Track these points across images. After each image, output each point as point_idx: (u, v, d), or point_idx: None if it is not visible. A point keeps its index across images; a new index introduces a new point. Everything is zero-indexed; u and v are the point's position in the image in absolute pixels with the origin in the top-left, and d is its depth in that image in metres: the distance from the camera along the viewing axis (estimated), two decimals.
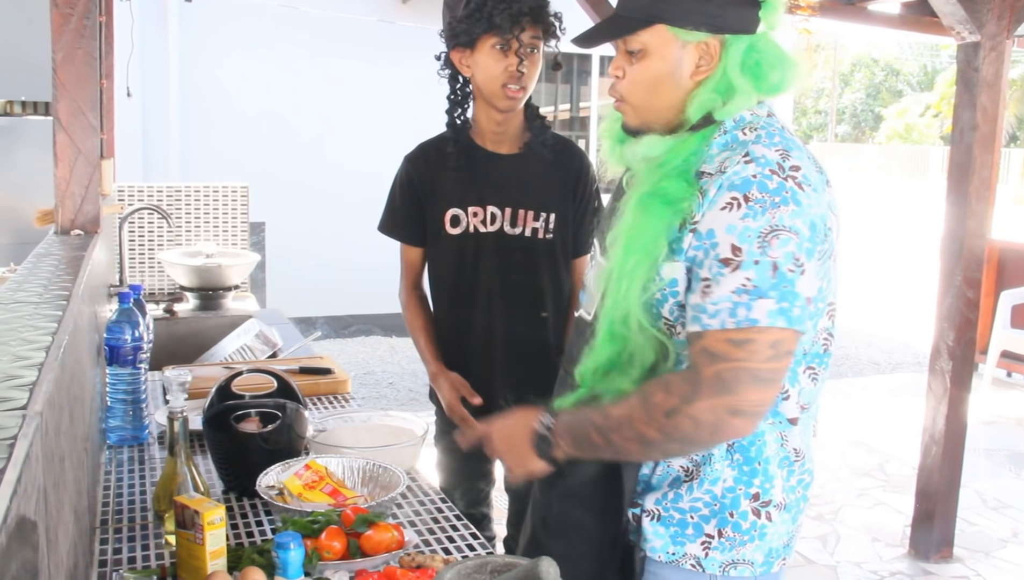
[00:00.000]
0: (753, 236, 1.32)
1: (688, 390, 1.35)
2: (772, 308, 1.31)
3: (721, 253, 1.34)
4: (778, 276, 1.31)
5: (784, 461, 1.52)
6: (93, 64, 2.06)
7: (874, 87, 37.44)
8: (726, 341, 1.33)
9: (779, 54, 1.45)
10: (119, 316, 2.05)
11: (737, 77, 1.42)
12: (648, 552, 1.54)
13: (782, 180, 1.34)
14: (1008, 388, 6.67)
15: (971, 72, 3.63)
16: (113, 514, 1.73)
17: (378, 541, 1.50)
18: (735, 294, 1.32)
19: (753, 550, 1.52)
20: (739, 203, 1.33)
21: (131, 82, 4.60)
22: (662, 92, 1.46)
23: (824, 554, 3.93)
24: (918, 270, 11.62)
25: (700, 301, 1.36)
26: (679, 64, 1.43)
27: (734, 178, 1.35)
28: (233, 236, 4.19)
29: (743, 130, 1.44)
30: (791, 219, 1.32)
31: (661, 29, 1.42)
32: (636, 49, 1.45)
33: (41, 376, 0.94)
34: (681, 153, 1.44)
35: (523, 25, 2.09)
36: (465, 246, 2.24)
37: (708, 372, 1.34)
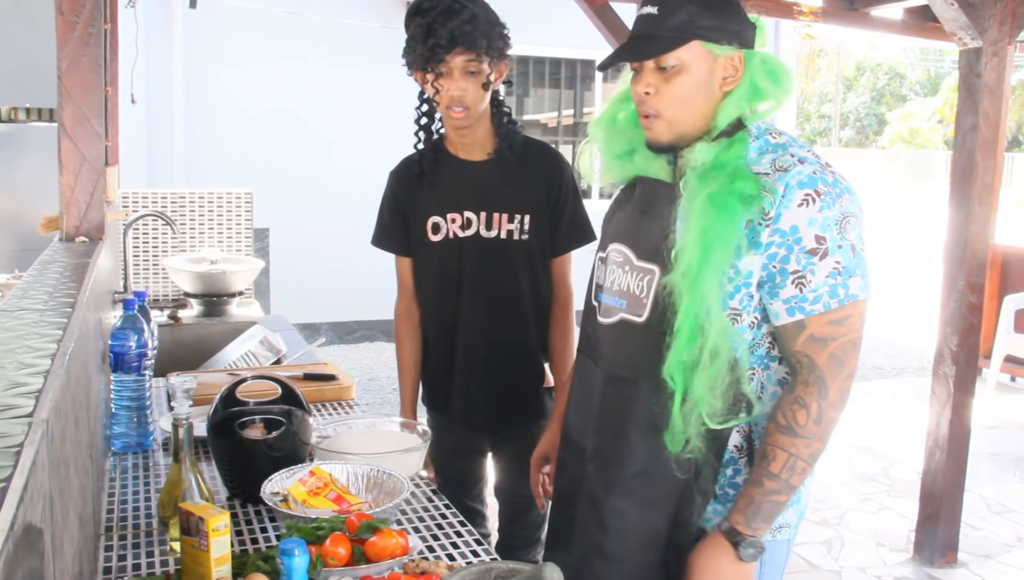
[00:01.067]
0: (832, 224, 1.50)
1: (818, 389, 1.52)
2: (860, 283, 1.52)
3: (807, 245, 1.50)
4: (856, 255, 1.52)
5: None
6: (98, 71, 2.07)
7: (877, 91, 37.42)
8: (828, 323, 1.51)
9: (779, 62, 1.61)
10: (124, 323, 2.06)
11: (766, 84, 1.58)
12: (709, 529, 1.64)
13: (833, 175, 1.54)
14: (1012, 392, 6.66)
15: (973, 77, 3.63)
16: (118, 521, 1.73)
17: (382, 547, 1.51)
18: (830, 277, 1.50)
19: (792, 514, 1.67)
20: (812, 198, 1.50)
21: (136, 89, 4.62)
22: (696, 104, 1.58)
23: (828, 559, 3.92)
24: (922, 274, 11.60)
25: (797, 292, 1.51)
26: (711, 77, 1.57)
27: (800, 177, 1.51)
28: (237, 242, 4.20)
29: (771, 135, 1.60)
30: (852, 205, 1.53)
31: (696, 45, 1.55)
32: (671, 65, 1.56)
33: (47, 383, 0.95)
34: (731, 156, 1.56)
35: (442, 57, 2.12)
36: (447, 252, 2.30)
37: (823, 358, 1.52)
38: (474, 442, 2.43)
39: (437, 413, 2.43)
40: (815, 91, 36.90)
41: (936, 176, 28.94)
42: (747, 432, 1.61)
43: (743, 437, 1.62)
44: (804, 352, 1.53)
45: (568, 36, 7.94)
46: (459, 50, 2.12)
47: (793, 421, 1.52)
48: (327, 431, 2.08)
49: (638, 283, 1.66)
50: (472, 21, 2.12)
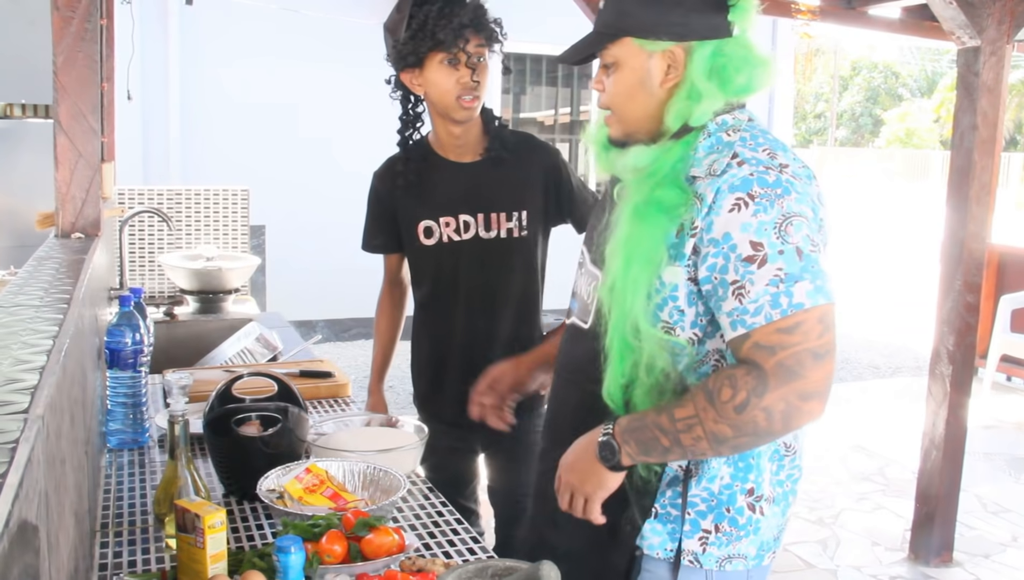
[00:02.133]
0: (769, 229, 1.37)
1: (755, 383, 1.36)
2: (809, 289, 1.36)
3: (743, 253, 1.38)
4: (804, 258, 1.37)
5: (775, 455, 1.58)
6: (94, 67, 2.06)
7: (873, 91, 37.46)
8: (776, 331, 1.36)
9: (747, 56, 1.49)
10: (119, 319, 2.05)
11: (701, 82, 1.47)
12: (646, 550, 1.57)
13: (777, 174, 1.41)
14: (1008, 392, 6.67)
15: (971, 77, 3.63)
16: (113, 518, 1.72)
17: (379, 545, 1.50)
18: (770, 286, 1.36)
19: (748, 544, 1.56)
20: (745, 202, 1.38)
21: (132, 85, 4.61)
22: (637, 101, 1.52)
23: (824, 558, 3.93)
24: (918, 274, 11.62)
25: (737, 304, 1.38)
26: (648, 74, 1.50)
27: (732, 180, 1.40)
28: (233, 239, 4.19)
29: (726, 132, 1.49)
30: (797, 205, 1.40)
31: (628, 42, 1.50)
32: (610, 62, 1.53)
33: (42, 380, 0.94)
34: (668, 161, 1.49)
35: (466, 37, 2.12)
36: (442, 256, 2.29)
37: (770, 364, 1.36)
38: (467, 442, 2.43)
39: (429, 414, 2.44)
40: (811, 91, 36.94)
41: (932, 176, 28.99)
42: None
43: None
44: (750, 358, 1.38)
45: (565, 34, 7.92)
46: (473, 32, 2.13)
47: (716, 392, 1.38)
48: (323, 428, 2.07)
49: (587, 288, 1.65)
50: (480, 8, 2.15)
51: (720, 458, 1.52)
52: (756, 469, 1.55)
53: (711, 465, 1.53)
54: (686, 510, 1.54)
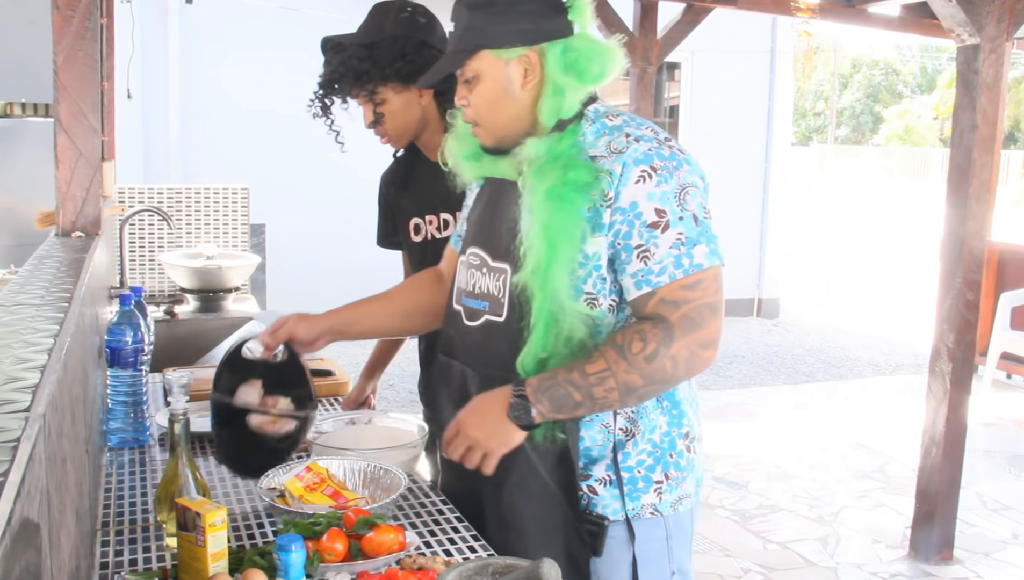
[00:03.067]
0: (671, 197, 1.53)
1: (663, 334, 1.51)
2: (706, 250, 1.54)
3: (648, 219, 1.52)
4: (700, 224, 1.54)
5: (692, 399, 1.72)
6: (94, 66, 2.06)
7: (873, 88, 37.44)
8: (680, 288, 1.52)
9: (594, 47, 1.61)
10: (120, 318, 2.05)
11: (560, 77, 1.59)
12: (610, 516, 1.64)
13: (670, 148, 1.57)
14: (1008, 390, 6.67)
15: (971, 74, 3.63)
16: (114, 516, 1.73)
17: (379, 543, 1.50)
18: (673, 249, 1.52)
19: (690, 483, 1.71)
20: (649, 174, 1.53)
21: (132, 84, 4.61)
22: (503, 108, 1.63)
23: (824, 556, 3.93)
24: (918, 271, 11.62)
25: (642, 265, 1.53)
26: (509, 80, 1.61)
27: (636, 155, 1.54)
28: (234, 238, 4.19)
29: (607, 117, 1.64)
30: (690, 176, 1.56)
31: (484, 55, 1.61)
32: (471, 77, 1.64)
33: (43, 378, 0.94)
34: (564, 146, 1.59)
35: (331, 100, 2.27)
36: (426, 252, 2.35)
37: (675, 317, 1.52)
38: None
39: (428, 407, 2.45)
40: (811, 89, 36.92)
41: (932, 173, 28.98)
42: (629, 414, 1.63)
43: (626, 419, 1.63)
44: (656, 313, 1.53)
45: None
46: (343, 88, 2.24)
47: (627, 345, 1.51)
48: (324, 427, 2.08)
49: (495, 284, 1.69)
50: (348, 61, 2.22)
51: (654, 409, 1.63)
52: (685, 414, 1.68)
53: (649, 418, 1.63)
54: (637, 468, 1.63)
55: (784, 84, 9.54)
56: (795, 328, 9.04)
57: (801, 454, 5.20)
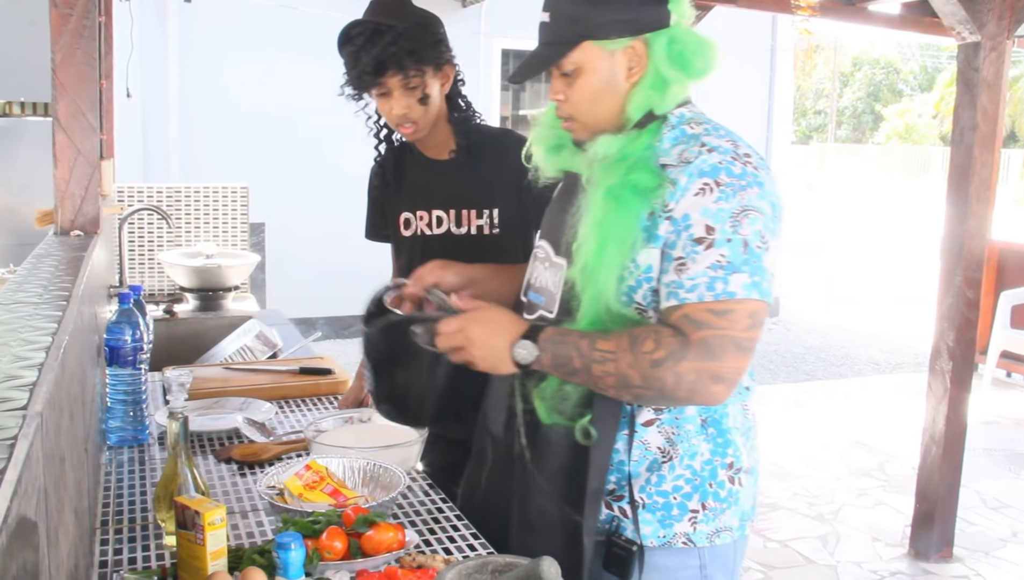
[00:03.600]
0: (726, 216, 1.43)
1: (677, 347, 1.42)
2: (746, 281, 1.42)
3: (695, 233, 1.44)
4: (749, 252, 1.43)
5: (746, 430, 1.63)
6: (92, 64, 2.06)
7: (874, 86, 37.43)
8: (707, 310, 1.42)
9: (698, 40, 1.54)
10: (119, 317, 2.05)
11: (668, 70, 1.52)
12: (641, 540, 1.58)
13: (744, 165, 1.47)
14: (1008, 388, 6.67)
15: (971, 72, 3.63)
16: (114, 515, 1.72)
17: (379, 541, 1.50)
18: (711, 269, 1.42)
19: (731, 516, 1.61)
20: (711, 188, 1.44)
21: (131, 83, 4.60)
22: (604, 102, 1.55)
23: (824, 554, 3.93)
24: (918, 270, 11.62)
25: (676, 277, 1.45)
26: (612, 72, 1.53)
27: (703, 166, 1.46)
28: (233, 237, 4.19)
29: (689, 124, 1.55)
30: (758, 200, 1.45)
31: (588, 46, 1.52)
32: (570, 70, 1.54)
33: (41, 377, 0.94)
34: (637, 148, 1.53)
35: (375, 82, 2.14)
36: (414, 248, 2.33)
37: (695, 337, 1.42)
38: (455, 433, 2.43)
39: None
40: (811, 87, 36.91)
41: (932, 172, 28.97)
42: (669, 434, 1.56)
43: (665, 439, 1.56)
44: (678, 326, 1.44)
45: None
46: (390, 72, 2.14)
47: (640, 341, 1.44)
48: (323, 425, 2.07)
49: (553, 279, 1.65)
50: (396, 42, 2.11)
51: (696, 435, 1.56)
52: (732, 444, 1.60)
53: (690, 443, 1.56)
54: (673, 495, 1.57)
55: (784, 82, 9.54)
56: (795, 326, 9.04)
57: (801, 452, 5.20)
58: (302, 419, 2.34)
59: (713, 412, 1.58)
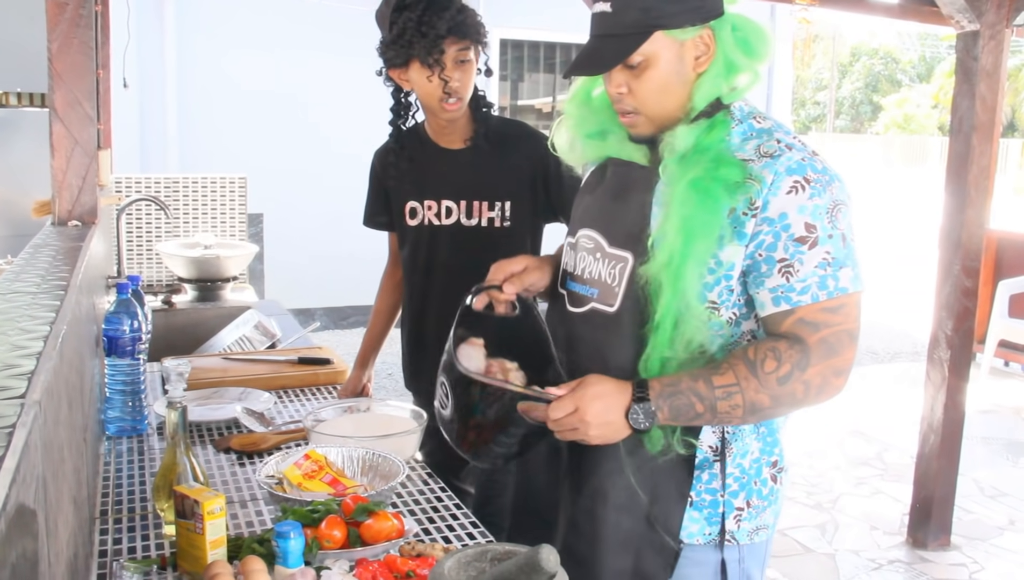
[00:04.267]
0: (823, 213, 1.43)
1: (799, 357, 1.43)
2: (851, 274, 1.45)
3: (796, 233, 1.43)
4: (847, 246, 1.46)
5: (784, 428, 1.63)
6: (89, 53, 2.05)
7: (873, 76, 37.36)
8: (821, 310, 1.43)
9: (755, 25, 1.52)
10: (117, 307, 2.05)
11: (737, 56, 1.49)
12: (686, 539, 1.57)
13: (823, 162, 1.48)
14: (1005, 377, 6.68)
15: (970, 61, 3.62)
16: (113, 504, 1.73)
17: (378, 530, 1.50)
18: (819, 268, 1.43)
19: (770, 514, 1.62)
20: (802, 185, 1.43)
21: (128, 73, 4.59)
22: (673, 93, 1.50)
23: (823, 542, 3.94)
24: (916, 259, 11.62)
25: (783, 281, 1.44)
26: (682, 62, 1.49)
27: (789, 163, 1.44)
28: (231, 227, 4.19)
29: (755, 119, 1.54)
30: (841, 193, 1.47)
31: (658, 36, 1.46)
32: (638, 62, 1.48)
33: (39, 365, 0.94)
34: (713, 140, 1.49)
35: (442, 48, 2.13)
36: (421, 238, 2.33)
37: (813, 340, 1.44)
38: None
39: (414, 392, 2.48)
40: (810, 77, 36.84)
41: (931, 162, 28.94)
42: (722, 433, 1.55)
43: (718, 438, 1.55)
44: (793, 332, 1.44)
45: (563, 20, 7.90)
46: (452, 40, 2.13)
47: (760, 362, 1.43)
48: (322, 415, 2.08)
49: (610, 271, 1.58)
50: (463, 11, 2.15)
51: (750, 434, 1.56)
52: (778, 443, 1.61)
53: (744, 442, 1.56)
54: (720, 492, 1.56)
55: (783, 72, 9.51)
56: None
57: (800, 441, 5.21)
58: (301, 409, 2.34)
59: None
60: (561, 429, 1.50)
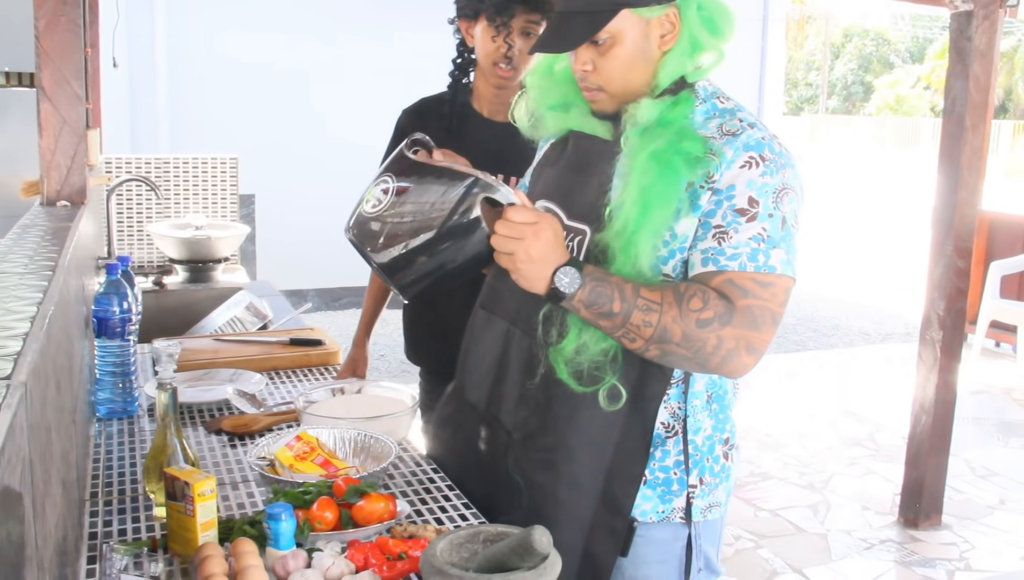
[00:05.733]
0: (770, 191, 1.44)
1: (724, 311, 1.41)
2: (784, 258, 1.44)
3: (738, 204, 1.43)
4: (785, 230, 1.45)
5: (735, 405, 1.65)
6: (77, 32, 2.03)
7: (865, 58, 37.32)
8: (752, 280, 1.42)
9: (718, 3, 1.52)
10: (107, 288, 2.03)
11: (703, 35, 1.50)
12: (639, 517, 1.57)
13: (780, 144, 1.49)
14: (996, 358, 6.70)
15: (964, 41, 3.61)
16: (103, 487, 1.72)
17: (370, 511, 1.50)
18: (753, 241, 1.43)
19: (722, 491, 1.63)
20: (756, 162, 1.45)
21: (118, 52, 4.55)
22: (637, 71, 1.52)
23: (815, 522, 3.95)
24: (908, 240, 11.64)
25: (714, 244, 1.44)
26: (647, 40, 1.50)
27: (749, 140, 1.46)
28: (223, 208, 4.16)
29: (718, 99, 1.56)
30: (793, 180, 1.48)
31: (625, 14, 1.48)
32: (604, 39, 1.49)
33: (26, 346, 0.93)
34: (676, 115, 1.50)
35: (512, 12, 2.12)
36: None
37: (741, 303, 1.42)
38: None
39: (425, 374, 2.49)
40: (802, 58, 36.78)
41: (923, 143, 28.95)
42: (675, 409, 1.55)
43: (671, 414, 1.55)
44: (721, 290, 1.42)
45: None
46: (525, 8, 2.13)
47: (687, 297, 1.41)
48: (313, 396, 2.07)
49: (568, 244, 1.57)
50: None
51: (702, 410, 1.56)
52: (729, 420, 1.62)
53: (696, 419, 1.56)
54: (674, 470, 1.57)
55: (776, 53, 9.50)
56: None
57: (792, 422, 5.22)
58: (292, 390, 2.34)
59: (718, 388, 1.58)
60: (502, 241, 1.43)
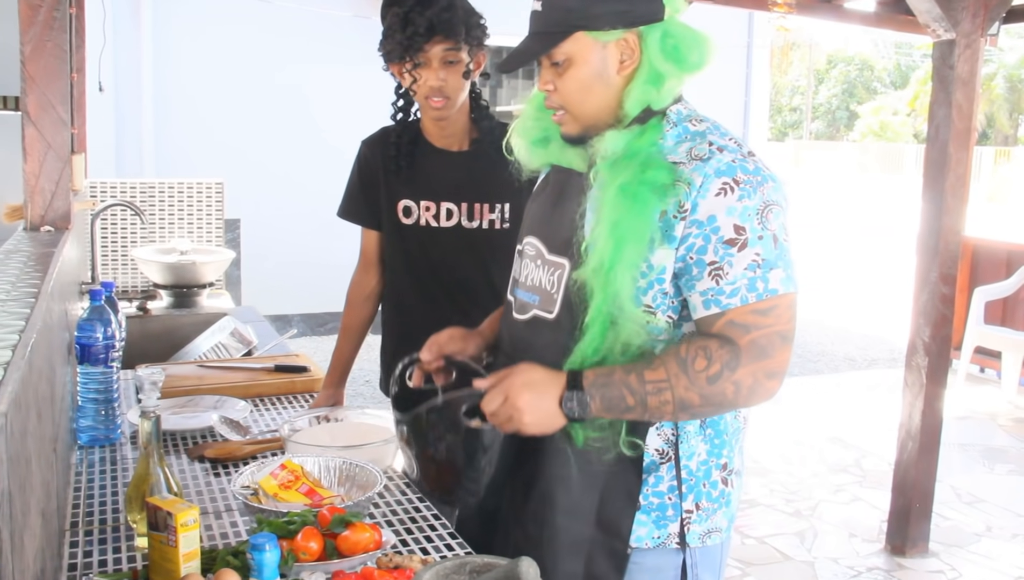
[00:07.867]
0: (752, 214, 1.43)
1: (729, 358, 1.42)
2: (783, 276, 1.44)
3: (725, 235, 1.43)
4: (779, 246, 1.45)
5: (737, 430, 1.62)
6: (63, 57, 2.02)
7: (849, 84, 37.68)
8: (751, 313, 1.43)
9: (692, 34, 1.53)
10: (90, 314, 2.01)
11: (661, 63, 1.50)
12: (633, 543, 1.57)
13: (755, 162, 1.48)
14: (981, 384, 6.72)
15: (946, 69, 3.64)
16: (84, 516, 1.69)
17: (355, 542, 1.48)
18: (748, 270, 1.42)
19: (721, 517, 1.61)
20: (731, 187, 1.43)
21: (104, 77, 4.54)
22: (595, 94, 1.53)
23: (802, 550, 3.94)
24: (893, 266, 11.70)
25: (712, 284, 1.44)
26: (604, 64, 1.51)
27: (719, 165, 1.45)
28: (208, 233, 4.15)
29: (690, 121, 1.54)
30: (774, 194, 1.46)
31: (580, 36, 1.50)
32: (561, 60, 1.52)
33: (7, 376, 0.92)
34: (643, 144, 1.50)
35: (419, 47, 2.12)
36: (412, 237, 2.30)
37: (744, 341, 1.43)
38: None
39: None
40: (787, 84, 37.11)
41: (907, 169, 29.20)
42: (669, 436, 1.55)
43: (664, 441, 1.55)
44: (723, 334, 1.44)
45: None
46: (438, 39, 2.12)
47: (691, 360, 1.43)
48: (298, 424, 2.05)
49: (549, 278, 1.60)
50: (450, 9, 2.13)
51: (695, 435, 1.55)
52: (727, 445, 1.60)
53: (689, 444, 1.55)
54: (668, 495, 1.56)
55: (761, 79, 9.58)
56: None
57: (778, 449, 5.22)
58: (277, 417, 2.32)
59: None
60: (502, 425, 1.52)
